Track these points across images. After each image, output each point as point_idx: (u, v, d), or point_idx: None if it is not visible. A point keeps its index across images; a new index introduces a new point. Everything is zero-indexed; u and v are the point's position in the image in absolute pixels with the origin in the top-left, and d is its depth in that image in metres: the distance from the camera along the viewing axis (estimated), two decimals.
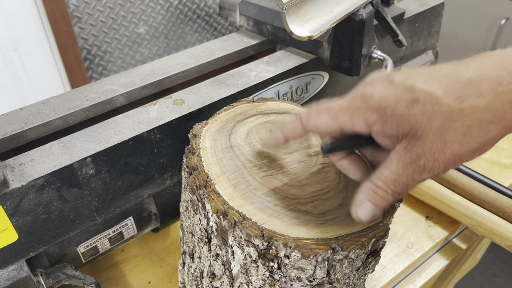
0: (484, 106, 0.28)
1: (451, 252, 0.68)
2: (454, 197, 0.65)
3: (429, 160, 0.30)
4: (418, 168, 0.30)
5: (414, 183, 0.31)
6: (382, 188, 0.32)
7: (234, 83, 0.54)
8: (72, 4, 1.53)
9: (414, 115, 0.29)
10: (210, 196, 0.36)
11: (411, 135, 0.30)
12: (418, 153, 0.30)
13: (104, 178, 0.45)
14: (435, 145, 0.29)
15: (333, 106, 0.34)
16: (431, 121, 0.29)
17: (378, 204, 0.33)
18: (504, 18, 1.67)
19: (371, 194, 0.33)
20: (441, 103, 0.29)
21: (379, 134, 0.32)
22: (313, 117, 0.35)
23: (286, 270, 0.34)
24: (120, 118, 0.48)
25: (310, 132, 0.36)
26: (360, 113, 0.32)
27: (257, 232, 0.33)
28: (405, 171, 0.31)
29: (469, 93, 0.29)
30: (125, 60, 1.79)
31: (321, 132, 0.37)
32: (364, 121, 0.32)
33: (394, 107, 0.30)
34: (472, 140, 0.29)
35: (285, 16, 0.44)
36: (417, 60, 0.78)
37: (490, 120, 0.28)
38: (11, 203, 0.39)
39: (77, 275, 0.46)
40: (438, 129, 0.29)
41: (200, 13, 1.87)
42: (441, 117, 0.29)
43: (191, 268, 0.45)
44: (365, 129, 0.32)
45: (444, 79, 0.30)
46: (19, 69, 1.54)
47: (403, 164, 0.31)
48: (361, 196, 0.33)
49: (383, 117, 0.31)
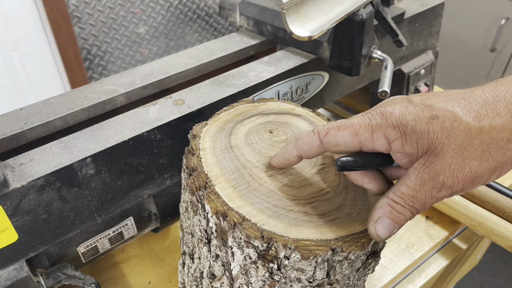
0: (502, 125, 0.29)
1: (451, 252, 0.68)
2: (454, 197, 0.65)
3: (448, 177, 0.30)
4: (437, 184, 0.30)
5: (432, 200, 0.31)
6: (400, 204, 0.32)
7: (234, 83, 0.54)
8: (72, 4, 1.53)
9: (433, 131, 0.29)
10: (210, 197, 0.36)
11: (430, 152, 0.30)
12: (436, 170, 0.30)
13: (104, 178, 0.45)
14: (454, 162, 0.29)
15: (353, 122, 0.33)
16: (450, 138, 0.29)
17: (396, 220, 0.32)
18: (504, 18, 1.67)
19: (389, 210, 0.32)
20: (461, 121, 0.29)
21: (398, 152, 0.32)
22: (332, 133, 0.34)
23: (286, 271, 0.34)
24: (120, 118, 0.48)
25: (328, 150, 0.35)
26: (381, 129, 0.31)
27: (256, 233, 0.33)
28: (423, 187, 0.31)
29: (486, 112, 0.29)
30: (125, 60, 1.79)
31: (339, 150, 0.35)
32: (385, 138, 0.31)
33: (414, 124, 0.30)
34: (491, 158, 0.29)
35: (285, 16, 0.44)
36: (417, 60, 0.78)
37: (508, 138, 0.29)
38: (11, 203, 0.39)
39: (77, 275, 0.46)
40: (457, 146, 0.29)
41: (200, 13, 1.87)
42: (461, 134, 0.29)
43: (191, 269, 0.45)
44: (385, 146, 0.32)
45: (462, 100, 0.30)
46: (19, 69, 1.54)
47: (421, 180, 0.31)
48: (378, 213, 0.33)
49: (403, 134, 0.31)
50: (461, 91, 0.31)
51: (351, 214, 0.37)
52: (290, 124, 0.46)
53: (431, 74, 0.81)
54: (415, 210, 0.32)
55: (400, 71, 0.76)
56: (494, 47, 1.75)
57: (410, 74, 0.76)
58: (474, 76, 1.87)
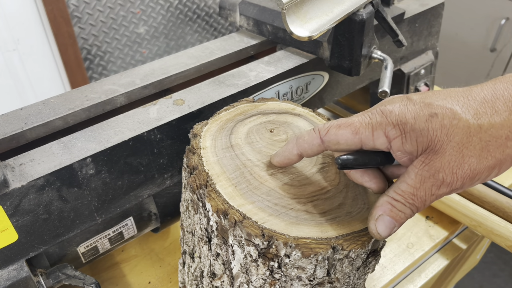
0: (500, 123, 0.29)
1: (451, 252, 0.68)
2: (454, 197, 0.65)
3: (448, 174, 0.30)
4: (436, 182, 0.30)
5: (432, 198, 0.31)
6: (400, 201, 0.32)
7: (234, 83, 0.54)
8: (72, 4, 1.53)
9: (433, 129, 0.30)
10: (211, 196, 0.36)
11: (429, 150, 0.30)
12: (436, 167, 0.30)
13: (104, 178, 0.45)
14: (454, 159, 0.29)
15: (353, 120, 0.33)
16: (449, 135, 0.29)
17: (397, 218, 0.32)
18: (504, 18, 1.67)
19: (389, 208, 0.32)
20: (460, 118, 0.29)
21: (398, 151, 0.32)
22: (333, 131, 0.34)
23: (287, 269, 0.34)
24: (120, 118, 0.48)
25: (329, 148, 0.35)
26: (381, 128, 0.32)
27: (257, 232, 0.33)
28: (423, 185, 0.31)
29: (485, 110, 0.29)
30: (125, 60, 1.79)
31: (340, 148, 0.35)
32: (385, 136, 0.32)
33: (413, 122, 0.30)
34: (490, 156, 0.29)
35: (285, 16, 0.44)
36: (417, 60, 0.78)
37: (506, 136, 0.29)
38: (11, 203, 0.39)
39: (77, 275, 0.46)
40: (456, 143, 0.29)
41: (200, 13, 1.88)
42: (460, 132, 0.29)
43: (191, 268, 0.45)
44: (386, 144, 0.32)
45: (461, 97, 0.30)
46: (19, 69, 1.54)
47: (421, 178, 0.31)
48: (378, 211, 0.33)
49: (403, 133, 0.31)
50: (460, 89, 0.31)
51: (352, 212, 0.37)
52: (290, 124, 0.46)
53: (431, 74, 0.81)
54: (415, 208, 0.32)
55: (400, 71, 0.76)
56: (494, 47, 1.75)
57: (410, 74, 0.76)
58: (474, 76, 1.88)
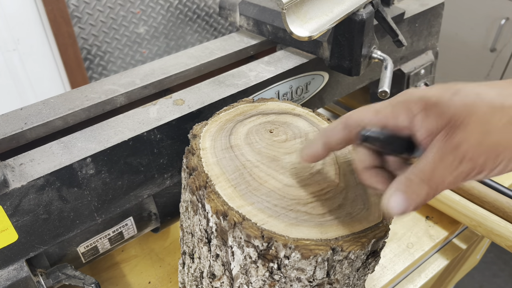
0: None
1: (451, 252, 0.68)
2: (454, 197, 0.65)
3: (469, 148, 0.29)
4: (457, 156, 0.29)
5: (452, 176, 0.30)
6: (418, 178, 0.30)
7: (234, 83, 0.54)
8: (72, 4, 1.53)
9: (454, 105, 0.29)
10: (210, 197, 0.36)
11: (451, 124, 0.29)
12: (457, 141, 0.29)
13: (104, 178, 0.45)
14: (476, 132, 0.29)
15: (374, 104, 0.34)
16: (472, 111, 0.29)
17: (411, 196, 0.31)
18: (504, 18, 1.67)
19: (405, 184, 0.31)
20: (483, 96, 0.29)
21: (420, 129, 0.31)
22: (355, 114, 0.34)
23: (286, 270, 0.34)
24: (120, 118, 0.48)
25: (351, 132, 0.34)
26: (404, 105, 0.32)
27: (256, 233, 0.33)
28: (443, 160, 0.29)
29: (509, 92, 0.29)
30: (125, 60, 1.79)
31: None
32: (407, 111, 0.31)
33: (436, 98, 0.30)
34: None
35: (285, 16, 0.44)
36: (417, 60, 0.78)
37: None
38: (11, 203, 0.39)
39: (77, 275, 0.46)
40: (479, 118, 0.29)
41: (200, 13, 1.88)
42: (483, 106, 0.29)
43: (191, 269, 0.45)
44: (407, 121, 0.31)
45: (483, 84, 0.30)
46: (19, 69, 1.54)
47: (441, 153, 0.29)
48: (393, 187, 0.31)
49: (425, 108, 0.30)
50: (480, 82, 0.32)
51: (351, 213, 0.37)
52: (290, 124, 0.46)
53: (431, 74, 0.81)
54: (434, 187, 0.30)
55: (400, 71, 0.76)
56: (494, 47, 1.75)
57: (410, 74, 0.76)
58: (474, 76, 1.87)
